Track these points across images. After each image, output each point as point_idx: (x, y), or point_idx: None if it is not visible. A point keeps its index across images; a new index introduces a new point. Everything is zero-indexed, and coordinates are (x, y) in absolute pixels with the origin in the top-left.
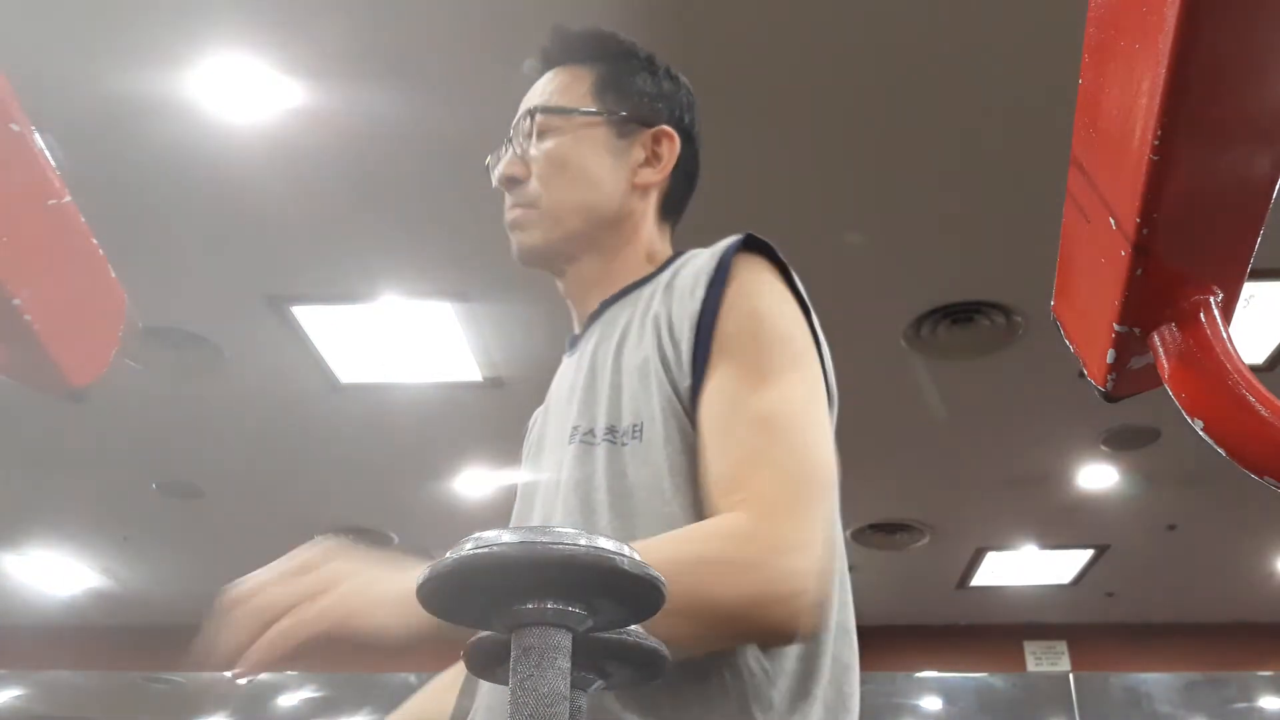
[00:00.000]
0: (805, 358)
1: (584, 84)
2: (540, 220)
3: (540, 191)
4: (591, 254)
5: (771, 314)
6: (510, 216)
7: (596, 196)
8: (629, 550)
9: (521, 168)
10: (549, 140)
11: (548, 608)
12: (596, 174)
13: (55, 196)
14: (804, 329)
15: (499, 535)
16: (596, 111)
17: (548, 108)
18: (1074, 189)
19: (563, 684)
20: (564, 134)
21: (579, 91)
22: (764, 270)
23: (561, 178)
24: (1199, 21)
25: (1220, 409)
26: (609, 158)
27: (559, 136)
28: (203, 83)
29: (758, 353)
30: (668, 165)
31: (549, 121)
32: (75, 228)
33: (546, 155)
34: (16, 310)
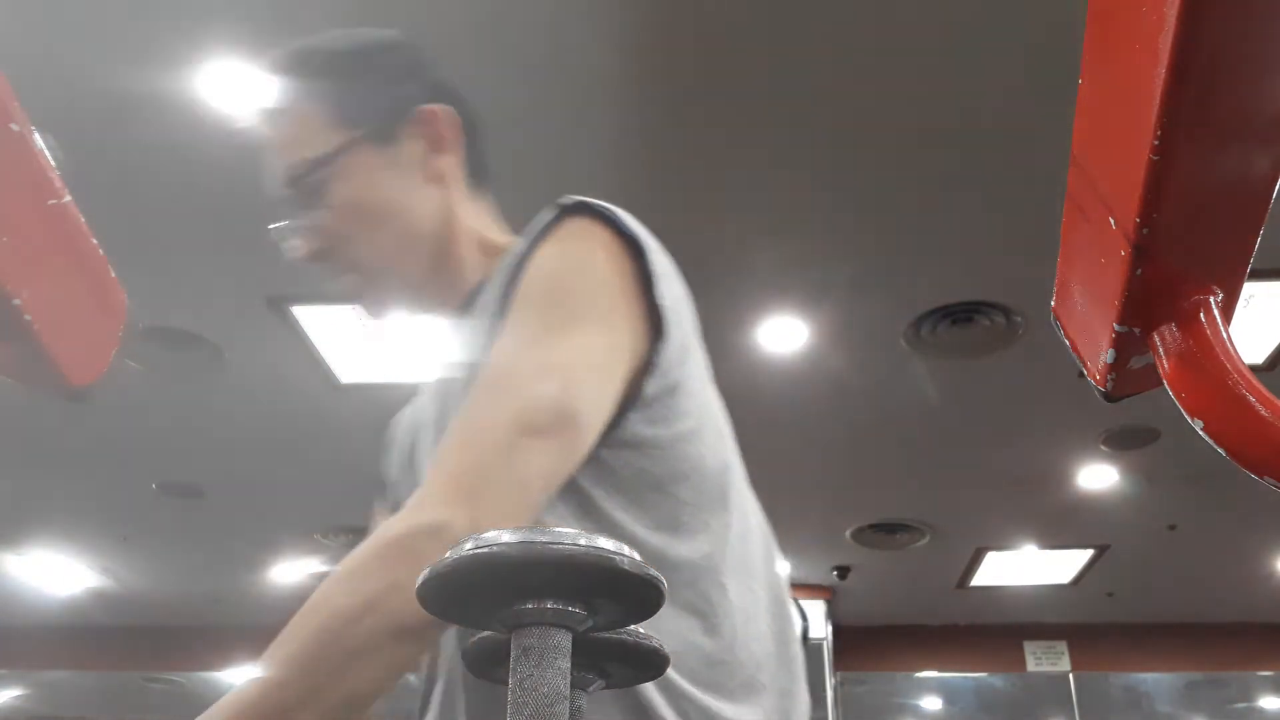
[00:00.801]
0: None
1: (322, 116)
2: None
3: (352, 255)
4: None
5: (560, 272)
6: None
7: (406, 222)
8: (629, 550)
9: (317, 241)
10: (328, 195)
11: (547, 608)
12: (391, 200)
13: (55, 196)
14: (603, 289)
15: (499, 535)
16: (349, 141)
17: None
18: (1074, 189)
19: (562, 684)
20: (338, 181)
21: (317, 128)
22: (581, 231)
23: (363, 228)
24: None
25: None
26: (390, 175)
27: (334, 185)
28: (203, 83)
29: (524, 318)
30: (452, 142)
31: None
32: (75, 228)
33: (334, 215)
34: (16, 310)
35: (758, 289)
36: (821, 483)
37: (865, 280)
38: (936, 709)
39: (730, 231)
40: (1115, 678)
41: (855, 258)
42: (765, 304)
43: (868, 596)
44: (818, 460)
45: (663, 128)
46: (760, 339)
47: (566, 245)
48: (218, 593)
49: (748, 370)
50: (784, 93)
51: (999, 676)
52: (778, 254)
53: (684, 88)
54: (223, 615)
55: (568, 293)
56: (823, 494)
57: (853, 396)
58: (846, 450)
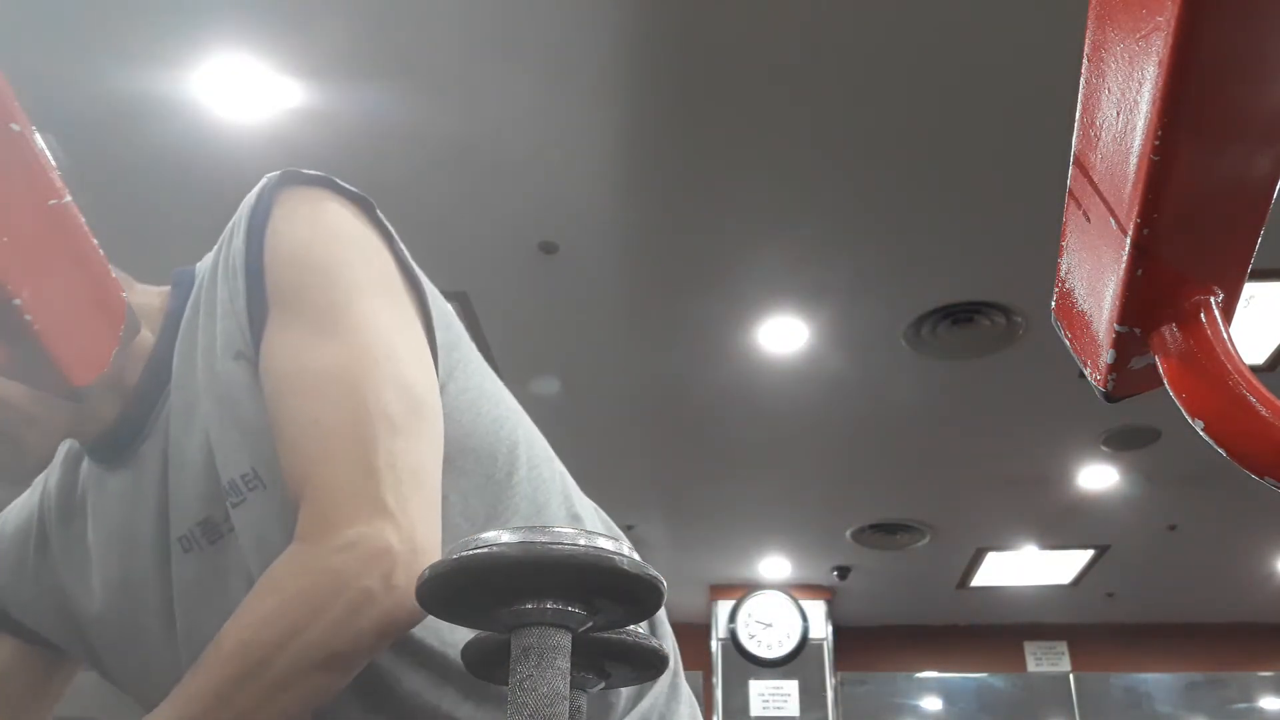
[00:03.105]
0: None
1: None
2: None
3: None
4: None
5: (307, 247)
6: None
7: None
8: (628, 550)
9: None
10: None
11: (547, 608)
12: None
13: (55, 196)
14: (363, 252)
15: (499, 535)
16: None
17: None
18: (1074, 189)
19: (562, 684)
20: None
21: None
22: (308, 199)
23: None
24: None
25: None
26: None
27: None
28: (203, 83)
29: (296, 305)
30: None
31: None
32: (75, 228)
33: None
34: (17, 310)
35: (758, 289)
36: (822, 483)
37: (865, 280)
38: (937, 709)
39: (730, 231)
40: (1115, 678)
41: (855, 258)
42: (765, 304)
43: (868, 596)
44: (818, 460)
45: (663, 129)
46: (760, 339)
47: (299, 217)
48: None
49: (748, 370)
50: (784, 93)
51: (999, 677)
52: (778, 254)
53: (685, 88)
54: None
55: (333, 265)
56: (823, 494)
57: (852, 397)
58: (846, 450)
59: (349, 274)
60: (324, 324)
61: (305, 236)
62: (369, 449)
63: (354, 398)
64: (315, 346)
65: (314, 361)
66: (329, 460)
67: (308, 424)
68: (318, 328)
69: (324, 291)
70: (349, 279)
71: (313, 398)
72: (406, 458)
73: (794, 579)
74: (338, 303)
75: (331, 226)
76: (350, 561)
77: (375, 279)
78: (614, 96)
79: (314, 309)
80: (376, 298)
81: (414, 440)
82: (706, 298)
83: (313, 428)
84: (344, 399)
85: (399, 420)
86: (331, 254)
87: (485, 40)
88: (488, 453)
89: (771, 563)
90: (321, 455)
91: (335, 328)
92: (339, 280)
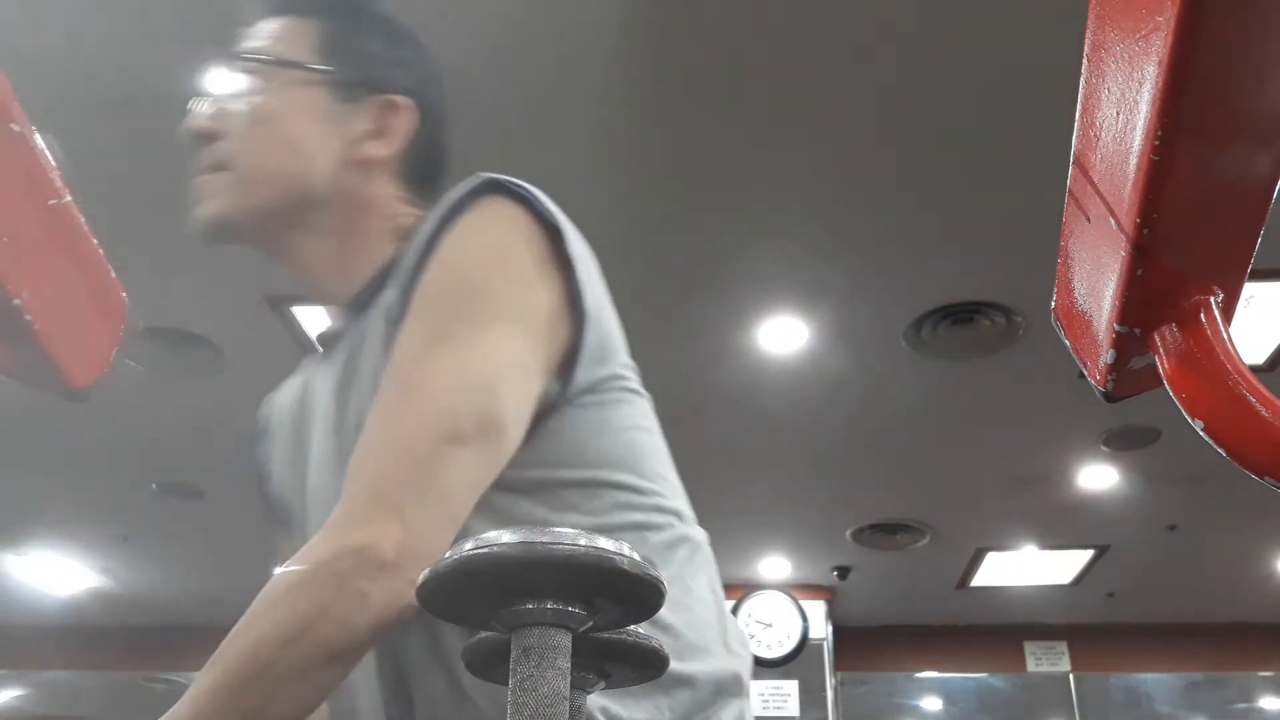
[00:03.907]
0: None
1: (307, 38)
2: (228, 187)
3: (233, 153)
4: (301, 235)
5: (475, 261)
6: (195, 182)
7: (300, 166)
8: (629, 550)
9: (216, 122)
10: (254, 95)
11: (547, 608)
12: (304, 140)
13: (55, 196)
14: (520, 280)
15: (499, 535)
16: (313, 68)
17: (256, 55)
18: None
19: (563, 684)
20: (272, 90)
21: (300, 45)
22: (496, 214)
23: (261, 138)
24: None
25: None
26: (322, 124)
27: (266, 92)
28: (204, 82)
29: (434, 310)
30: (397, 139)
31: (256, 72)
32: (75, 228)
33: (248, 111)
34: (16, 310)
35: (757, 289)
36: (822, 483)
37: (865, 280)
38: (936, 709)
39: (730, 231)
40: (1115, 678)
41: (855, 258)
42: (765, 304)
43: (868, 597)
44: (818, 460)
45: (664, 129)
46: (760, 339)
47: (481, 230)
48: (218, 593)
49: (748, 370)
50: (784, 93)
51: (999, 677)
52: (778, 254)
53: (685, 89)
54: (223, 615)
55: (484, 285)
56: (823, 494)
57: (852, 397)
58: (847, 450)
59: (490, 298)
60: (448, 336)
61: (468, 256)
62: (415, 459)
63: (426, 406)
64: (429, 353)
65: (419, 365)
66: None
67: (378, 417)
68: (443, 339)
69: (460, 308)
70: (487, 304)
71: (395, 395)
72: (452, 474)
73: (794, 579)
74: (469, 321)
75: (499, 250)
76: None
77: (516, 310)
78: (613, 96)
79: (445, 323)
80: (508, 329)
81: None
82: (706, 298)
83: (378, 422)
84: (417, 404)
85: (464, 436)
86: (484, 277)
87: (485, 40)
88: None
89: (771, 563)
90: (374, 453)
91: (456, 343)
92: (478, 301)
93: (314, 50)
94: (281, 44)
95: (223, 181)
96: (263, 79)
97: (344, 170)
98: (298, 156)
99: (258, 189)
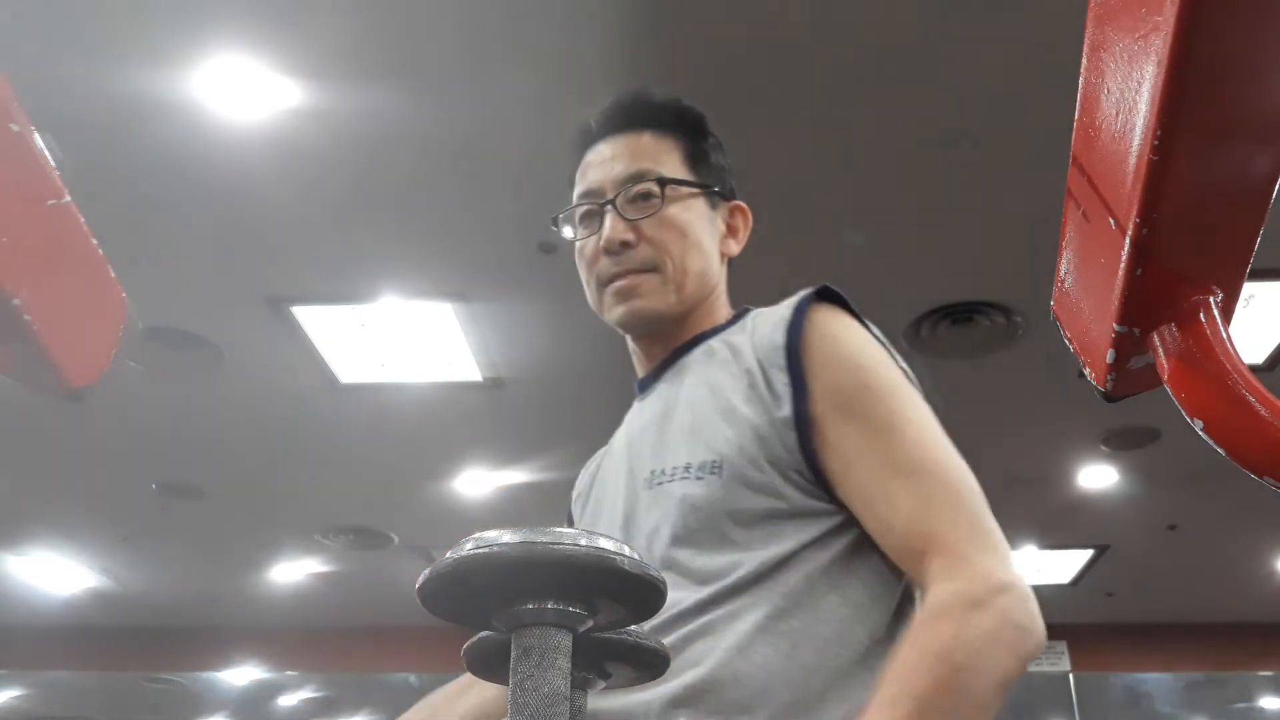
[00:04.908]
0: (913, 397)
1: (676, 154)
2: (663, 287)
3: (659, 258)
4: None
5: (871, 360)
6: (622, 283)
7: (708, 266)
8: (629, 550)
9: (633, 233)
10: (665, 208)
11: (548, 608)
12: (708, 245)
13: (55, 196)
14: (896, 368)
15: (499, 535)
16: (701, 184)
17: (668, 180)
18: (1074, 189)
19: (563, 684)
20: (674, 202)
21: (676, 161)
22: (842, 317)
23: (682, 246)
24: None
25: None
26: (711, 229)
27: (672, 205)
28: (203, 83)
29: (877, 404)
30: (744, 238)
31: (664, 194)
32: (75, 228)
33: (666, 222)
34: (16, 310)
35: (757, 289)
36: None
37: (865, 280)
38: None
39: None
40: (1115, 678)
41: (855, 258)
42: (765, 304)
43: None
44: None
45: None
46: None
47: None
48: (218, 593)
49: None
50: (783, 93)
51: None
52: (777, 254)
53: (684, 88)
54: (223, 615)
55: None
56: None
57: None
58: None
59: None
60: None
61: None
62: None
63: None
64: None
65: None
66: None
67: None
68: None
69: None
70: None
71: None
72: (991, 520)
73: None
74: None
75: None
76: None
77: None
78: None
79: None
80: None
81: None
82: None
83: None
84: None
85: (975, 485)
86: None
87: (485, 40)
88: None
89: None
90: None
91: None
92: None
93: (682, 165)
94: (667, 163)
95: (655, 283)
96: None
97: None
98: (707, 258)
99: (687, 287)
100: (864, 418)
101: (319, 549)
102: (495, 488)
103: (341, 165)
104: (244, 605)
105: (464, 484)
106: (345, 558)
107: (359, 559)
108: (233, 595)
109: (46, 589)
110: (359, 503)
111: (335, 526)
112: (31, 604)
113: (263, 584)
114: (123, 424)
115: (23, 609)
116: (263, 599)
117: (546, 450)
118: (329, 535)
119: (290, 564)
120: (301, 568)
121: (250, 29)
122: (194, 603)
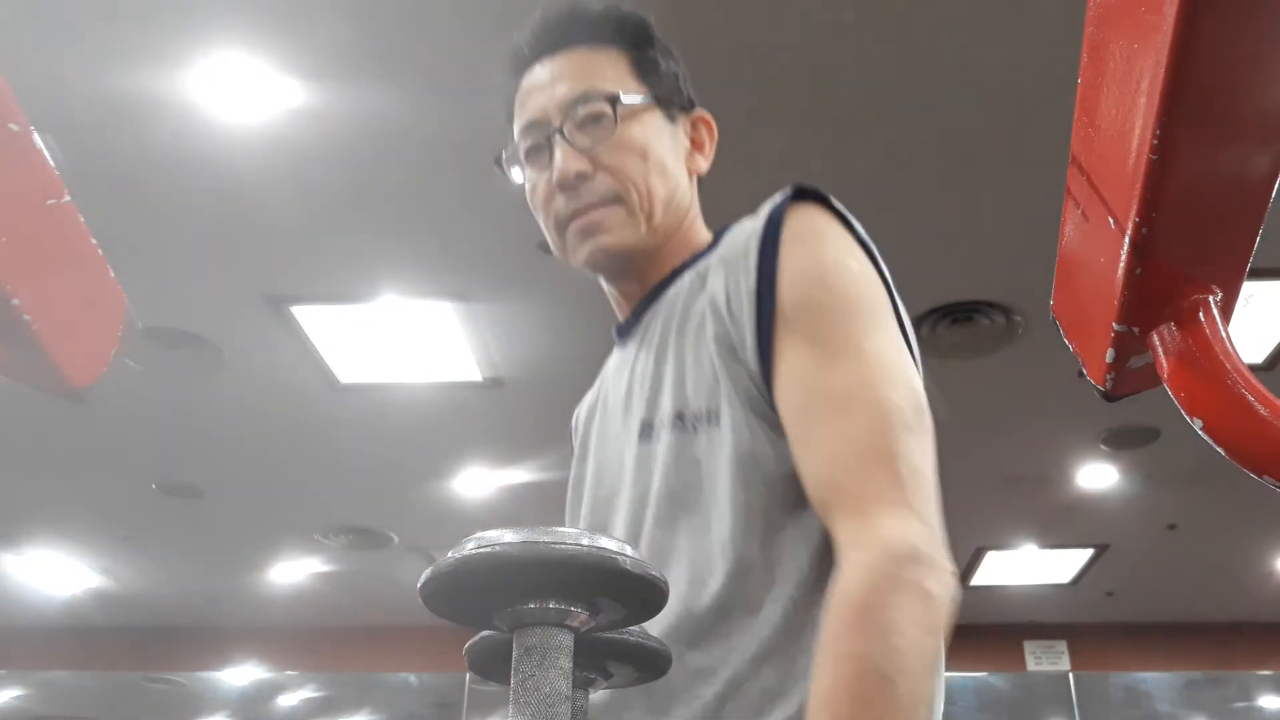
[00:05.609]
0: (878, 316)
1: (623, 66)
2: (629, 219)
3: (621, 187)
4: (661, 251)
5: (836, 272)
6: (583, 220)
7: (677, 188)
8: (630, 550)
9: (587, 162)
10: (620, 129)
11: (549, 607)
12: (673, 165)
13: (55, 196)
14: (874, 280)
15: (501, 535)
16: (656, 96)
17: (615, 98)
18: (1074, 189)
19: (564, 684)
20: (630, 121)
21: (624, 74)
22: (819, 219)
23: (645, 169)
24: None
25: (1220, 408)
26: (675, 146)
27: (627, 124)
28: (203, 83)
29: (824, 323)
30: (711, 151)
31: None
32: (75, 228)
33: (623, 145)
34: (16, 310)
35: None
36: None
37: None
38: None
39: None
40: (1115, 678)
41: None
42: None
43: None
44: None
45: None
46: None
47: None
48: (218, 593)
49: None
50: (783, 93)
51: (999, 676)
52: None
53: None
54: (222, 615)
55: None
56: None
57: None
58: None
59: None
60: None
61: (825, 265)
62: (893, 457)
63: (877, 410)
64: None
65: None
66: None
67: (836, 438)
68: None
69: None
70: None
71: (834, 416)
72: (922, 461)
73: None
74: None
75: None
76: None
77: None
78: None
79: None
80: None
81: (924, 440)
82: None
83: (841, 442)
84: (868, 412)
85: (912, 421)
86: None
87: (485, 40)
88: None
89: None
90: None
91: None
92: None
93: (632, 78)
94: (614, 79)
95: (620, 215)
96: (613, 116)
97: (687, 177)
98: (675, 180)
99: (655, 215)
100: (810, 338)
101: (319, 549)
102: (495, 488)
103: (341, 165)
104: (244, 605)
105: (464, 484)
106: (345, 558)
107: (359, 559)
108: (232, 595)
109: (46, 589)
110: (359, 503)
111: (335, 526)
112: (31, 604)
113: (263, 584)
114: (122, 424)
115: (23, 609)
116: (263, 599)
117: (546, 450)
118: (329, 535)
119: (290, 564)
120: (301, 568)
121: (250, 29)
122: (194, 602)
